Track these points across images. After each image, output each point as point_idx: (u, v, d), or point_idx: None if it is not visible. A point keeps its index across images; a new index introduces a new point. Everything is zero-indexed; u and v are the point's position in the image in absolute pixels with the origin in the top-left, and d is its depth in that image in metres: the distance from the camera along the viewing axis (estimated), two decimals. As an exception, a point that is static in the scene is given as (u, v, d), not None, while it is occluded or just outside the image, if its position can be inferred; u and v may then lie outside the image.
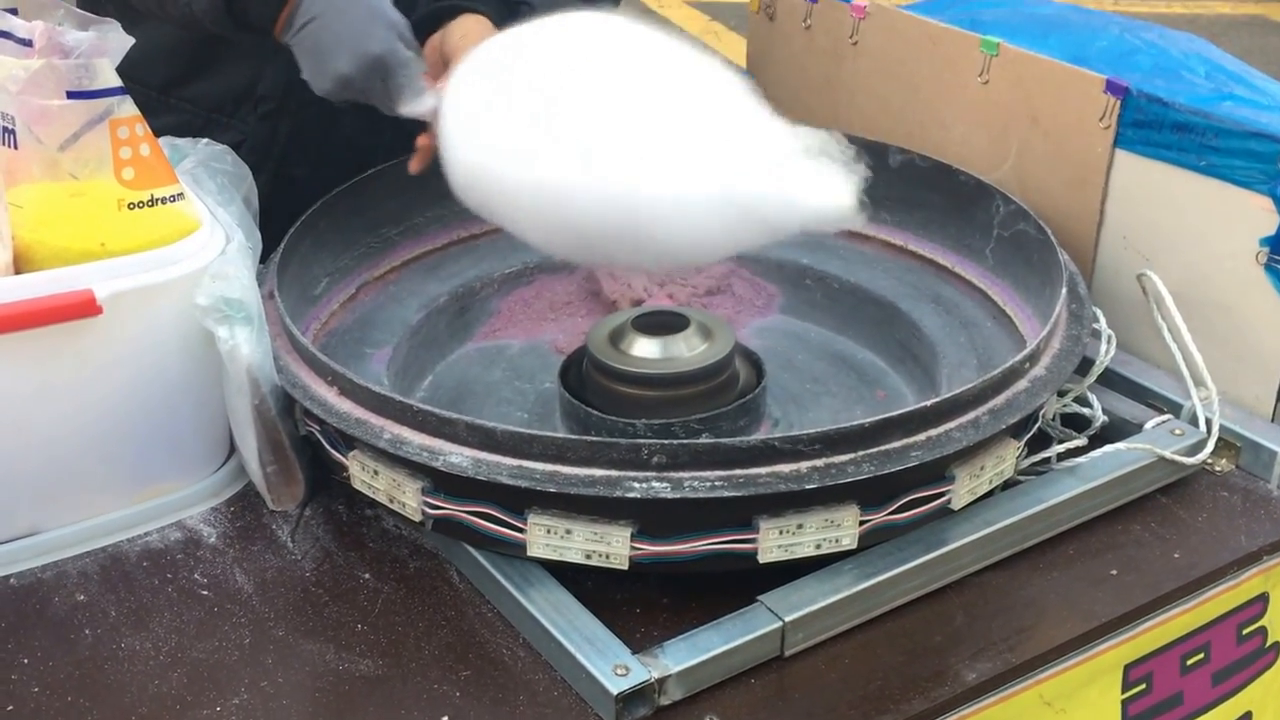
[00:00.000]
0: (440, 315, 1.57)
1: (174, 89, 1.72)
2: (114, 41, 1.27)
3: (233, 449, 1.36)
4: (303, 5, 1.40)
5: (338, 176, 1.53)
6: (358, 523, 1.31)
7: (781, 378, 1.50)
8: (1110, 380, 1.45)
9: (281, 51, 1.45)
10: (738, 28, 6.41)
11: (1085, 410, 1.40)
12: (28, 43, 1.29)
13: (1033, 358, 1.26)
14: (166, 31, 1.66)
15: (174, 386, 1.27)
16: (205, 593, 1.22)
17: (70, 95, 1.18)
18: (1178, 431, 1.37)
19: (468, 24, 1.51)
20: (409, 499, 1.19)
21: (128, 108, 1.22)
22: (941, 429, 1.17)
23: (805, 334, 1.61)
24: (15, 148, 1.20)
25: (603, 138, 1.23)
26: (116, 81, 1.21)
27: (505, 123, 1.28)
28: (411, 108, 1.41)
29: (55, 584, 1.23)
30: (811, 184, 1.21)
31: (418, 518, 1.19)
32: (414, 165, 1.47)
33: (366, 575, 1.24)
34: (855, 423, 1.14)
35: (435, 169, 1.37)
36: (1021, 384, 1.24)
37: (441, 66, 1.46)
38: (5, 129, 1.20)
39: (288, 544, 1.28)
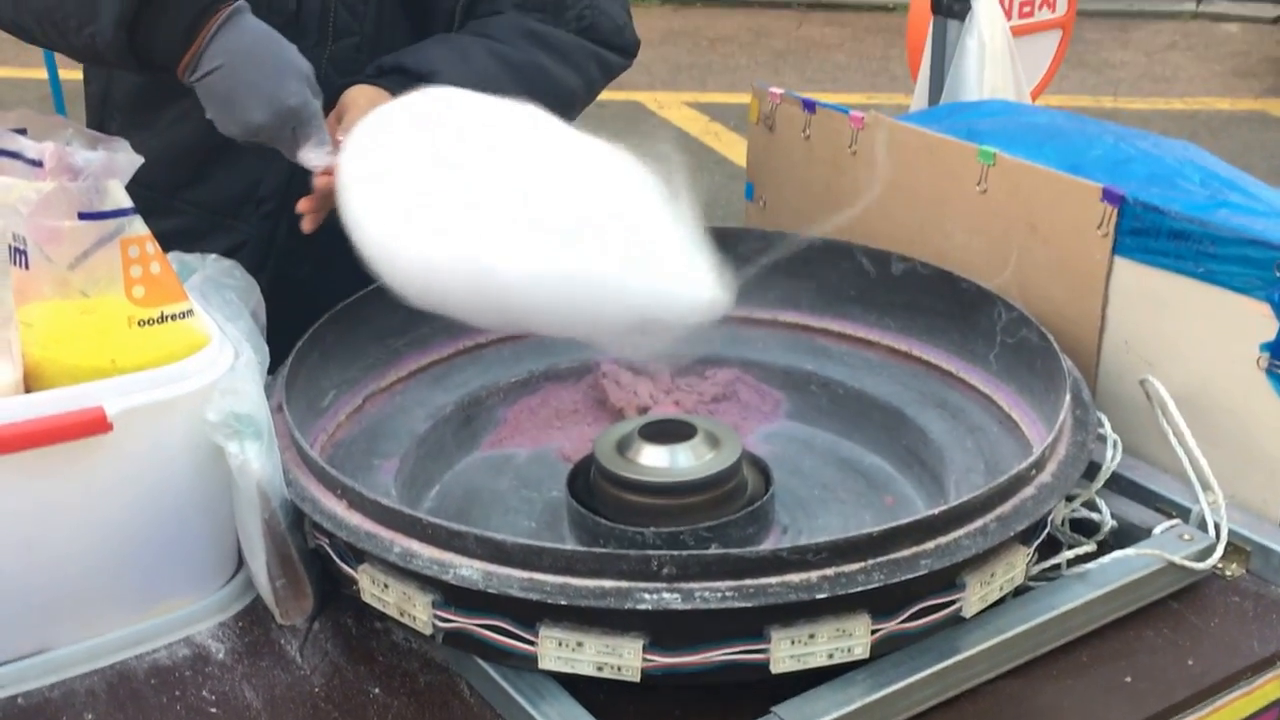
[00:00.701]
0: (447, 425, 1.59)
1: (179, 191, 1.76)
2: (123, 161, 1.30)
3: (240, 563, 1.37)
4: (209, 49, 1.45)
5: (338, 277, 1.54)
6: (367, 636, 1.32)
7: (789, 483, 1.51)
8: (1117, 485, 1.46)
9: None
10: (737, 128, 6.50)
11: (1094, 515, 1.41)
12: (38, 163, 1.32)
13: (1039, 464, 1.28)
14: (173, 138, 1.71)
15: (183, 501, 1.28)
16: (214, 710, 1.22)
17: (82, 216, 1.21)
18: (1186, 536, 1.38)
19: (364, 90, 1.59)
20: (419, 612, 1.20)
21: (138, 226, 1.25)
22: (950, 537, 1.19)
23: (812, 439, 1.63)
24: (27, 268, 1.23)
25: (470, 208, 1.28)
26: (127, 202, 1.24)
27: (392, 188, 1.34)
28: (311, 158, 1.48)
29: (63, 703, 1.24)
30: (675, 274, 1.26)
31: (428, 631, 1.20)
32: (306, 225, 1.53)
33: (376, 690, 1.25)
34: (864, 531, 1.16)
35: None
36: (1029, 490, 1.25)
37: (335, 122, 1.54)
38: (17, 250, 1.23)
39: (296, 659, 1.29)
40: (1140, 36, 8.57)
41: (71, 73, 1.68)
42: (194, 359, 1.26)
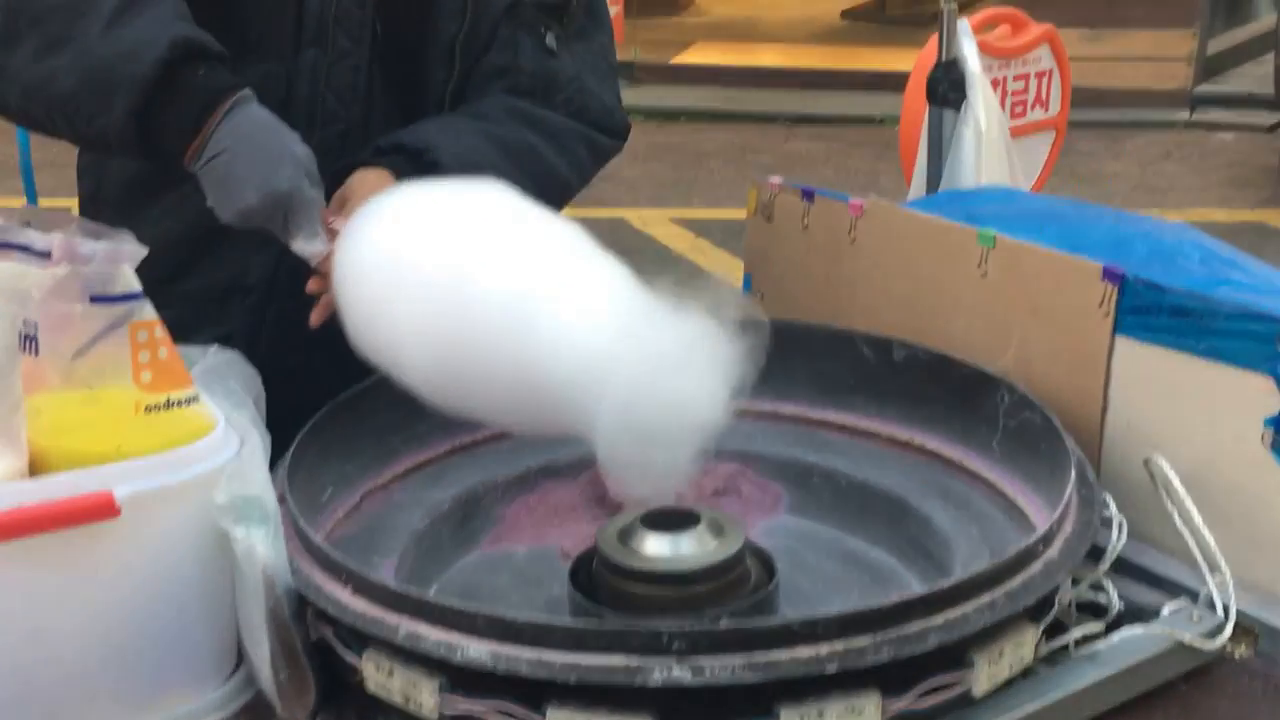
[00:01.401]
0: (444, 523, 1.62)
1: (170, 283, 1.81)
2: (129, 251, 1.35)
3: (240, 659, 1.40)
4: (214, 137, 1.54)
5: (325, 368, 1.60)
6: (370, 728, 1.34)
7: (792, 577, 1.54)
8: (1124, 566, 1.49)
9: (270, 242, 1.58)
10: (723, 244, 6.60)
11: (1101, 597, 1.45)
12: (45, 254, 1.38)
13: (1046, 540, 1.32)
14: (164, 230, 1.75)
15: (188, 591, 1.31)
16: (217, 805, 1.25)
17: (94, 300, 1.26)
18: (1195, 617, 1.42)
19: (368, 174, 1.66)
20: (425, 698, 1.23)
21: (147, 311, 1.30)
22: (959, 611, 1.23)
23: (814, 533, 1.66)
24: (36, 354, 1.28)
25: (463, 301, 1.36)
26: (137, 287, 1.29)
27: (391, 278, 1.42)
28: (305, 246, 1.54)
29: (60, 802, 1.25)
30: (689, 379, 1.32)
31: (434, 717, 1.24)
32: (314, 318, 1.59)
33: (380, 781, 1.27)
34: (873, 605, 1.20)
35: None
36: (1036, 566, 1.30)
37: (339, 208, 1.60)
38: (27, 336, 1.28)
39: (299, 753, 1.31)
40: (1133, 147, 8.71)
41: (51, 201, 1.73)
42: (200, 444, 1.30)
